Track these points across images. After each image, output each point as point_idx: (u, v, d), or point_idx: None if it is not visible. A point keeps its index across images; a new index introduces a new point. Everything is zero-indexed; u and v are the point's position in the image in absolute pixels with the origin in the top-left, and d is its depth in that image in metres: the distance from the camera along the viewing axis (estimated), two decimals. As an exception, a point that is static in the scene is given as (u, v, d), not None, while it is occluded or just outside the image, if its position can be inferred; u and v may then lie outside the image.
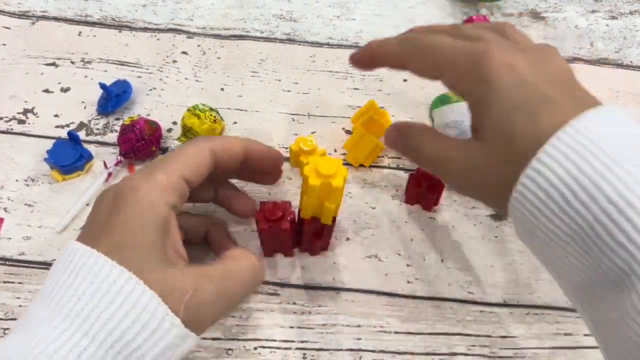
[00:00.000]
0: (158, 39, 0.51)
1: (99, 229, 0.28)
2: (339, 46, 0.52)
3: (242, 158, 0.34)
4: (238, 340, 0.36)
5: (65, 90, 0.47)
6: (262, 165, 0.37)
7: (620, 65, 0.52)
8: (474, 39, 0.30)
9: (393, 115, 0.46)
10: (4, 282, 0.37)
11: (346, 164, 0.43)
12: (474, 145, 0.30)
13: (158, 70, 0.49)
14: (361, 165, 0.44)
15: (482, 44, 0.29)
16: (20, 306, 0.36)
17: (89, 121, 0.45)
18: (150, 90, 0.48)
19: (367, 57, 0.36)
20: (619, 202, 0.23)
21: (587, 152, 0.24)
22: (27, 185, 0.42)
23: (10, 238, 0.39)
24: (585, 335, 0.37)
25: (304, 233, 0.37)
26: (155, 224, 0.28)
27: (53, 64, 0.49)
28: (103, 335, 0.25)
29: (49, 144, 0.43)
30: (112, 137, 0.44)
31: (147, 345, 0.26)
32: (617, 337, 0.24)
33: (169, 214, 0.29)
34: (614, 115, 0.26)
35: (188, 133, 0.42)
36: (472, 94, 0.30)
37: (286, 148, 0.45)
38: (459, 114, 0.46)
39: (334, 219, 0.35)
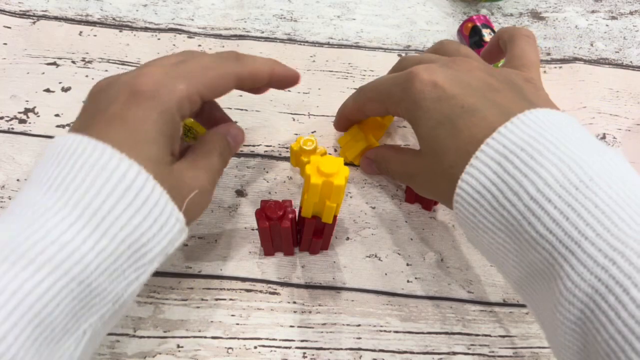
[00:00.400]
0: (159, 39, 0.51)
1: (108, 120, 0.28)
2: (340, 46, 0.52)
3: (264, 84, 0.35)
4: (238, 339, 0.36)
5: (66, 89, 0.47)
6: (278, 87, 0.37)
7: (620, 66, 0.52)
8: (408, 67, 0.34)
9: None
10: (5, 281, 0.37)
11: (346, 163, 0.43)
12: (419, 159, 0.34)
13: (159, 69, 0.49)
14: (351, 163, 0.44)
15: (410, 70, 0.33)
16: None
17: (90, 121, 0.46)
18: (151, 89, 0.48)
19: (342, 121, 0.42)
20: (539, 199, 0.25)
21: (512, 156, 0.27)
22: (28, 184, 0.42)
23: (11, 237, 0.39)
24: (585, 334, 0.37)
25: (304, 232, 0.37)
26: (167, 130, 0.29)
27: (54, 64, 0.49)
28: (114, 230, 0.25)
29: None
30: (113, 136, 0.44)
31: (154, 240, 0.27)
32: (554, 325, 0.26)
33: (178, 122, 0.30)
34: (536, 118, 0.28)
35: (189, 133, 0.42)
36: (406, 115, 0.33)
37: (287, 148, 0.45)
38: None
39: (334, 218, 0.35)
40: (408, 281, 0.39)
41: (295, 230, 0.37)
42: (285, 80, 0.36)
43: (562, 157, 0.26)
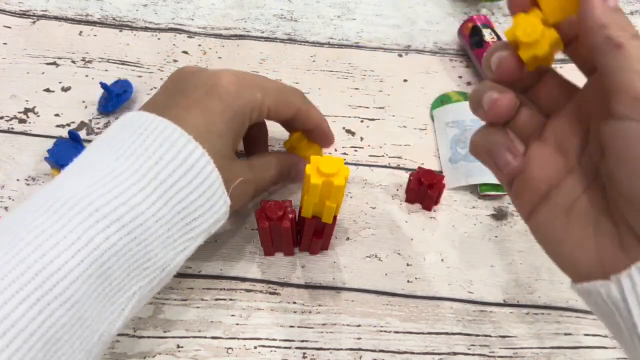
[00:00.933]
0: (159, 39, 0.51)
1: (188, 105, 0.31)
2: (340, 46, 0.52)
3: (306, 129, 0.38)
4: (238, 339, 0.36)
5: (66, 89, 0.47)
6: (313, 138, 0.40)
7: (621, 66, 0.52)
8: None
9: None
10: (5, 281, 0.37)
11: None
12: None
13: (159, 69, 0.49)
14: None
15: None
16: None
17: (90, 120, 0.46)
18: (151, 89, 0.48)
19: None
20: None
21: None
22: (28, 184, 0.42)
23: (10, 237, 0.39)
24: (585, 335, 0.37)
25: (304, 232, 0.37)
26: (236, 129, 0.32)
27: (54, 64, 0.49)
28: (175, 202, 0.29)
29: (49, 143, 0.43)
30: (113, 136, 0.44)
31: (204, 217, 0.30)
32: None
33: (246, 126, 0.33)
34: None
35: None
36: None
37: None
38: (460, 113, 0.46)
39: (334, 218, 0.35)
40: (408, 281, 0.39)
41: (295, 230, 0.37)
42: (323, 138, 0.39)
43: None
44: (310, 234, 0.37)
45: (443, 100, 0.48)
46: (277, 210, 0.35)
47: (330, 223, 0.35)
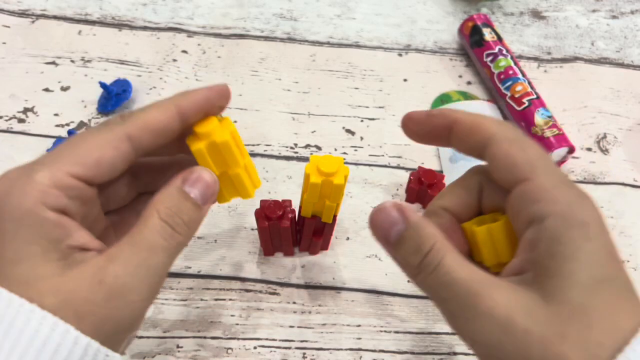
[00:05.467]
0: (158, 38, 0.51)
1: None
2: (340, 45, 0.52)
3: (177, 128, 0.26)
4: (238, 339, 0.36)
5: (65, 89, 0.47)
6: (209, 114, 0.27)
7: (621, 65, 0.52)
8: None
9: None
10: (4, 281, 0.37)
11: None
12: (528, 295, 0.22)
13: (158, 69, 0.49)
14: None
15: (584, 191, 0.24)
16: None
17: (89, 120, 0.45)
18: (151, 89, 0.48)
19: (423, 124, 0.28)
20: None
21: None
22: (27, 184, 0.42)
23: (9, 237, 0.39)
24: (586, 335, 0.37)
25: (304, 232, 0.37)
26: (38, 236, 0.23)
27: (53, 63, 0.49)
28: None
29: (49, 142, 0.43)
30: (112, 136, 0.44)
31: None
32: None
33: (57, 219, 0.23)
34: None
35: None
36: (561, 230, 0.22)
37: (286, 147, 0.44)
38: (460, 113, 0.46)
39: (334, 218, 0.35)
40: (408, 281, 0.39)
41: (295, 230, 0.37)
42: (208, 106, 0.27)
43: None
44: (310, 233, 0.37)
45: (443, 99, 0.48)
46: (277, 210, 0.34)
47: (330, 222, 0.35)
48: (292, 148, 0.45)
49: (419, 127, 0.27)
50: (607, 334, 0.21)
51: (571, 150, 0.43)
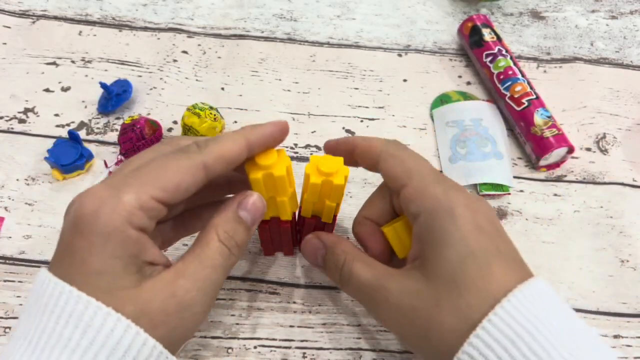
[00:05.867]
0: (158, 39, 0.51)
1: (60, 254, 0.26)
2: (340, 46, 0.52)
3: (244, 158, 0.29)
4: (238, 339, 0.36)
5: (65, 89, 0.47)
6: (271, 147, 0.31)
7: (621, 65, 0.52)
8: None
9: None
10: (5, 281, 0.37)
11: None
12: (415, 277, 0.28)
13: (158, 69, 0.49)
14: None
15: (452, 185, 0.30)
16: (21, 305, 0.36)
17: (90, 120, 0.46)
18: (151, 89, 0.48)
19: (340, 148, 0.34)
20: None
21: (521, 336, 0.24)
22: (28, 184, 0.42)
23: (10, 237, 0.39)
24: (585, 334, 0.37)
25: (304, 232, 0.37)
26: (121, 252, 0.25)
27: (53, 63, 0.49)
28: None
29: (49, 143, 0.43)
30: (113, 136, 0.44)
31: None
32: None
33: (138, 236, 0.26)
34: (546, 290, 0.26)
35: (188, 132, 0.42)
36: (431, 219, 0.28)
37: (286, 147, 0.45)
38: (459, 113, 0.47)
39: (334, 218, 0.35)
40: (408, 281, 0.39)
41: (295, 230, 0.37)
42: (272, 140, 0.30)
43: (570, 351, 0.24)
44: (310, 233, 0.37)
45: (443, 99, 0.48)
46: None
47: (330, 222, 0.35)
48: (292, 148, 0.45)
49: (333, 153, 0.33)
50: (477, 299, 0.25)
51: (570, 150, 0.43)
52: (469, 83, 0.50)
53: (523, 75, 0.46)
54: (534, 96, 0.45)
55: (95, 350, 0.23)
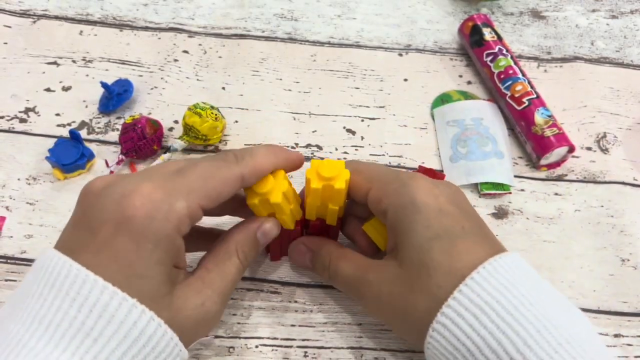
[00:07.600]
0: (159, 38, 0.51)
1: (97, 248, 0.25)
2: (340, 45, 0.52)
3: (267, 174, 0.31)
4: (239, 338, 0.36)
5: (66, 89, 0.47)
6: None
7: (621, 65, 0.52)
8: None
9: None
10: (6, 281, 0.37)
11: None
12: (391, 267, 0.30)
13: (159, 69, 0.49)
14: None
15: (413, 173, 0.32)
16: (22, 304, 0.36)
17: (91, 120, 0.46)
18: (152, 89, 0.48)
19: None
20: (518, 359, 0.24)
21: (490, 304, 0.26)
22: (29, 184, 0.42)
23: (11, 236, 0.39)
24: (586, 333, 0.37)
25: (309, 234, 0.37)
26: (165, 259, 0.26)
27: (54, 63, 0.49)
28: None
29: (50, 142, 0.43)
30: (114, 135, 0.45)
31: None
32: None
33: (181, 244, 0.27)
34: (518, 264, 0.28)
35: (189, 132, 0.42)
36: (396, 212, 0.30)
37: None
38: (460, 112, 0.47)
39: (339, 220, 0.35)
40: (409, 280, 0.39)
41: (303, 233, 0.37)
42: (292, 166, 0.33)
43: (537, 316, 0.25)
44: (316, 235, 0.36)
45: (443, 99, 0.48)
46: None
47: (334, 225, 0.35)
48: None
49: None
50: (445, 278, 0.27)
51: (571, 149, 0.43)
52: (469, 82, 0.50)
53: (523, 75, 0.47)
54: (535, 95, 0.45)
55: (134, 352, 0.24)
